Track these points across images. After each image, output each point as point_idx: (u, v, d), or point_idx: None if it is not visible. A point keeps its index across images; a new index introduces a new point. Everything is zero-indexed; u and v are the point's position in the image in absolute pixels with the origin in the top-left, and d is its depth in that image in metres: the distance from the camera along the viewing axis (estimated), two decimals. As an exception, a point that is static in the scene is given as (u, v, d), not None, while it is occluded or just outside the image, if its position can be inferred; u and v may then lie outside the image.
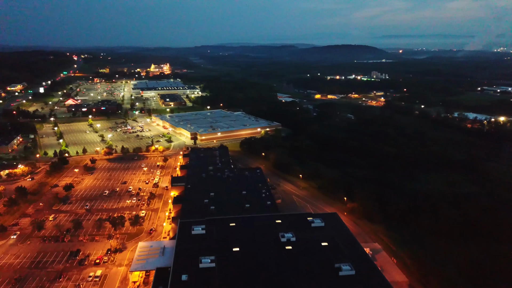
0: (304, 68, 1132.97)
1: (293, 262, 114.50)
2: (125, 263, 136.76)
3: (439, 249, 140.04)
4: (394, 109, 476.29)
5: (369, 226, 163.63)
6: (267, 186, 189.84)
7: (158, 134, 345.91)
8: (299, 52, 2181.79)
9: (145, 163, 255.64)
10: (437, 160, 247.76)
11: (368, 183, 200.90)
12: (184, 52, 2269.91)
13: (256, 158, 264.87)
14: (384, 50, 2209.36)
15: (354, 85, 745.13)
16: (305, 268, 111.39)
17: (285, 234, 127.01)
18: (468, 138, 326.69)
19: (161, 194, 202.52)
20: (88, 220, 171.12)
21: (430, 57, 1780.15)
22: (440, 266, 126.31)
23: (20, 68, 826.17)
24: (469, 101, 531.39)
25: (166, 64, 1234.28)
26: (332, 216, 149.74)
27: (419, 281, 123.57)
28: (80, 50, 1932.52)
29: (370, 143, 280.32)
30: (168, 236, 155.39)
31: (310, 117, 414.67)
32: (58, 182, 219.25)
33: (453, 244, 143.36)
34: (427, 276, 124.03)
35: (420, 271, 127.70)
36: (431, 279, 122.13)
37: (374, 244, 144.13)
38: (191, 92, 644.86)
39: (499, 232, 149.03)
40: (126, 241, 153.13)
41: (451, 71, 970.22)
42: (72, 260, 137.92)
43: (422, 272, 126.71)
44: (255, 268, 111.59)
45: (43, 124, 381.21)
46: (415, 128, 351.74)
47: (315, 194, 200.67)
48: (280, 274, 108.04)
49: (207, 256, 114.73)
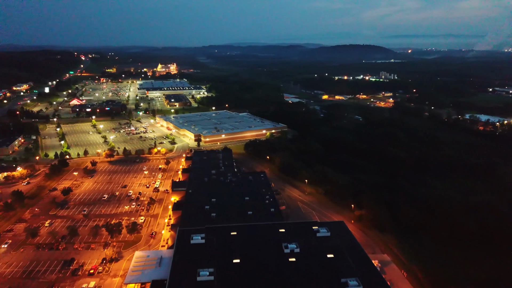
0: (311, 68, 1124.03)
1: (297, 276, 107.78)
2: (120, 273, 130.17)
3: (453, 262, 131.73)
4: (403, 111, 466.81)
5: (378, 235, 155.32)
6: (271, 192, 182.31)
7: (162, 136, 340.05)
8: (307, 52, 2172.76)
9: (146, 166, 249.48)
10: (450, 165, 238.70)
11: (377, 188, 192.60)
12: (192, 52, 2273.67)
13: (260, 161, 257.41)
14: (393, 50, 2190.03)
15: (362, 85, 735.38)
16: (309, 283, 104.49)
17: (289, 245, 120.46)
18: (481, 141, 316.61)
19: (162, 199, 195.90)
20: (85, 226, 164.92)
21: (440, 57, 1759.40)
22: (454, 282, 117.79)
23: (28, 68, 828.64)
24: (481, 102, 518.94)
25: (172, 64, 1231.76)
26: (339, 225, 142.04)
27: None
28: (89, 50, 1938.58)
29: (379, 146, 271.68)
30: (166, 245, 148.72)
31: (317, 119, 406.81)
32: (57, 185, 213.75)
33: (468, 256, 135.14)
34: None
35: (433, 287, 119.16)
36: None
37: (383, 255, 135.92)
38: (197, 93, 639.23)
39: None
40: (123, 249, 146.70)
41: (462, 72, 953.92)
42: (65, 270, 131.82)
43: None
44: (256, 282, 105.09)
45: (46, 125, 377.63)
46: (426, 130, 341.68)
47: (321, 200, 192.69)
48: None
49: (206, 269, 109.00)
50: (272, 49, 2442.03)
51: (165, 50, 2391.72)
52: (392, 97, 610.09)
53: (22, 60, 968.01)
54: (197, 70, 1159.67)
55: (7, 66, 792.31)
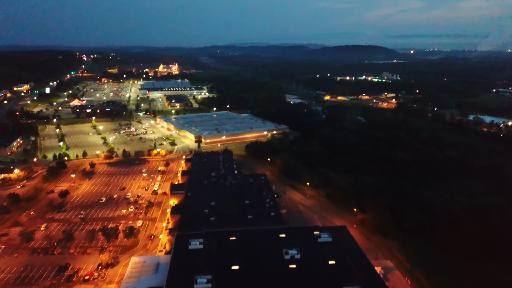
0: (314, 69, 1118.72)
1: (297, 283, 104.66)
2: (116, 279, 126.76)
3: (459, 268, 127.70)
4: (407, 112, 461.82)
5: (381, 240, 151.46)
6: (271, 195, 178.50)
7: (162, 137, 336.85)
8: (309, 52, 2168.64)
9: (146, 168, 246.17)
10: (455, 167, 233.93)
11: (380, 192, 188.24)
12: (194, 52, 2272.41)
13: (262, 163, 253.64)
14: (395, 50, 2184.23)
15: (364, 86, 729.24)
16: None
17: (289, 251, 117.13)
18: (486, 142, 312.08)
19: (160, 202, 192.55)
20: (81, 230, 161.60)
21: (442, 57, 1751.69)
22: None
23: (30, 68, 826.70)
24: (485, 103, 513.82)
25: (174, 64, 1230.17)
26: (341, 230, 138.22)
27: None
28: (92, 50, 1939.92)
29: (382, 148, 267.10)
30: (164, 250, 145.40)
31: (319, 120, 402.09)
32: (54, 187, 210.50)
33: (475, 262, 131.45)
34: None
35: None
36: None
37: (386, 261, 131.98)
38: (198, 93, 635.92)
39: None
40: (120, 254, 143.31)
41: (465, 72, 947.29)
42: (60, 276, 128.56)
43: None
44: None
45: (46, 126, 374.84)
46: (430, 132, 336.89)
47: (323, 203, 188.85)
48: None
49: (204, 276, 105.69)
50: (275, 49, 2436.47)
51: (167, 50, 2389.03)
52: (394, 98, 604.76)
53: (24, 60, 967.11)
54: (199, 71, 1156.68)
55: (9, 66, 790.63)
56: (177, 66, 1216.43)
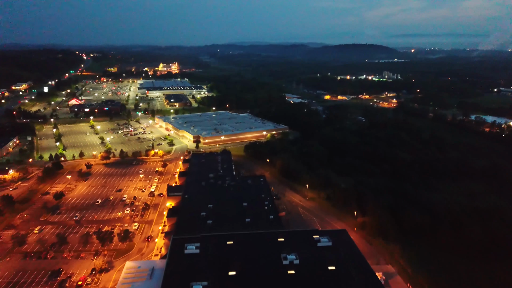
0: (314, 68, 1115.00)
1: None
2: (110, 285, 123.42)
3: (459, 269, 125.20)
4: (407, 111, 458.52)
5: (382, 244, 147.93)
6: (270, 197, 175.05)
7: (160, 137, 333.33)
8: (310, 52, 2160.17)
9: (143, 169, 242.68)
10: (455, 168, 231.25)
11: (381, 193, 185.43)
12: (194, 51, 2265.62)
13: (261, 164, 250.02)
14: (396, 49, 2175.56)
15: (365, 85, 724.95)
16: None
17: (288, 256, 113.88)
18: (487, 143, 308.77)
19: (157, 203, 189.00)
20: (76, 233, 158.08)
21: (443, 56, 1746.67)
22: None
23: (29, 67, 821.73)
24: (486, 103, 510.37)
25: (174, 63, 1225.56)
26: (341, 234, 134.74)
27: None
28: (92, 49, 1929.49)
29: (383, 148, 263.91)
30: (160, 253, 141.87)
31: (320, 120, 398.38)
32: (49, 189, 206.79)
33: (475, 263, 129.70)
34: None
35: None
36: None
37: (387, 266, 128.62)
38: (198, 92, 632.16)
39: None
40: (114, 258, 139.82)
41: (466, 72, 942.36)
42: (52, 281, 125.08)
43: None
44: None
45: (43, 125, 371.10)
46: (431, 132, 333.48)
47: (323, 205, 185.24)
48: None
49: (199, 282, 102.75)
50: (275, 49, 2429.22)
51: (167, 49, 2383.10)
52: (395, 97, 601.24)
53: (24, 59, 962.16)
54: (199, 70, 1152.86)
55: (8, 65, 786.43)
56: (177, 65, 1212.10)
